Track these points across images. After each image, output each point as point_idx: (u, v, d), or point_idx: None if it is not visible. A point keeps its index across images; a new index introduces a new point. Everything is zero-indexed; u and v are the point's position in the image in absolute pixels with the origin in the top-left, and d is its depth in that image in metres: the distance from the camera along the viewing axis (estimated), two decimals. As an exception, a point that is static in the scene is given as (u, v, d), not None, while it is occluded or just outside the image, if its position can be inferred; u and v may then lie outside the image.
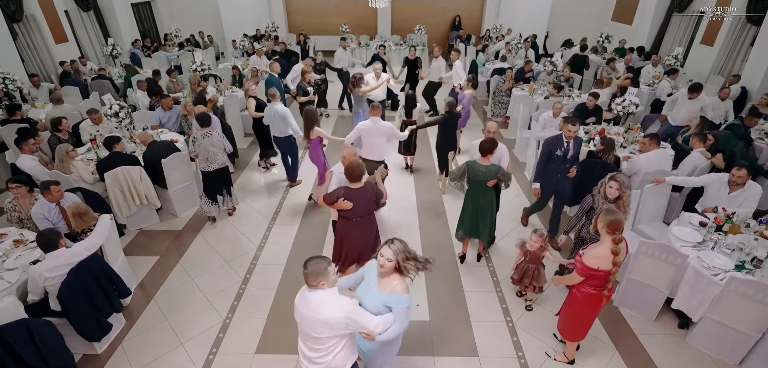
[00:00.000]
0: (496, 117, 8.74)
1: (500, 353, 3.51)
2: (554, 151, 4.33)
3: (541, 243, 3.53)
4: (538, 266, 3.67)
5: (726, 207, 3.87)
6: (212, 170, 4.91)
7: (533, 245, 3.55)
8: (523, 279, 3.74)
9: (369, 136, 5.03)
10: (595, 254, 2.75)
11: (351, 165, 3.33)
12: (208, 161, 4.85)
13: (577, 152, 4.39)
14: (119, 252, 4.00)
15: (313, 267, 2.20)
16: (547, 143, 4.39)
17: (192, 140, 4.89)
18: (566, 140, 4.30)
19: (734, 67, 8.55)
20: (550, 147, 4.35)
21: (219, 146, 4.89)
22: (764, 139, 5.71)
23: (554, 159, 4.35)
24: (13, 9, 7.98)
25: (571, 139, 4.30)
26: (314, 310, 2.20)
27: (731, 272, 3.20)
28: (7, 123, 5.86)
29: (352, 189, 3.36)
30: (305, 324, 2.25)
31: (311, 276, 2.20)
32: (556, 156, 4.32)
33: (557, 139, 4.37)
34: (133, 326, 3.75)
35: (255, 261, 4.58)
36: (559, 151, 4.31)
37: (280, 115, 5.52)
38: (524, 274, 3.71)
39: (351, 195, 3.34)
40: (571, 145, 4.32)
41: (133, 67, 9.15)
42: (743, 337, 3.23)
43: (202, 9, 13.79)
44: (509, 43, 10.92)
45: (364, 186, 3.40)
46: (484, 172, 3.90)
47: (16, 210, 3.92)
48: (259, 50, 9.83)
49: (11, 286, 3.13)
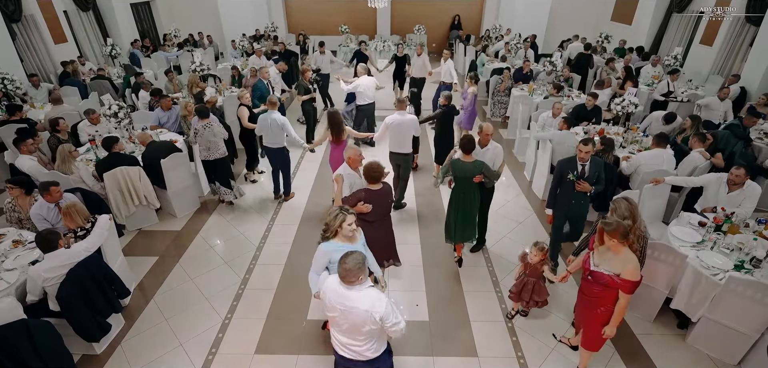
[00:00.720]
0: (496, 117, 8.75)
1: (499, 353, 3.51)
2: (566, 174, 3.86)
3: (542, 257, 3.42)
4: (538, 280, 3.53)
5: (725, 207, 3.88)
6: (213, 159, 5.20)
7: (534, 258, 3.44)
8: (522, 293, 3.59)
9: (397, 130, 5.09)
10: (633, 268, 2.61)
11: (371, 166, 3.32)
12: (210, 150, 5.15)
13: (595, 175, 3.82)
14: (118, 253, 4.00)
15: (353, 262, 2.21)
16: (559, 165, 3.93)
17: (193, 131, 5.12)
18: (580, 162, 3.80)
19: (733, 67, 8.56)
20: (561, 170, 3.90)
21: (219, 135, 5.19)
22: (763, 138, 5.72)
23: (567, 183, 3.88)
24: (12, 9, 7.97)
25: (587, 161, 3.79)
26: (360, 303, 2.22)
27: (730, 272, 3.19)
28: (6, 123, 5.85)
29: (372, 191, 3.36)
30: (352, 318, 2.26)
31: (352, 273, 2.20)
32: (569, 180, 3.85)
33: (570, 161, 3.88)
34: (133, 326, 3.74)
35: (254, 262, 4.58)
36: (571, 175, 3.83)
37: (278, 125, 5.20)
38: (523, 288, 3.57)
39: (371, 197, 3.34)
40: (586, 168, 3.80)
41: (132, 68, 9.14)
42: (742, 337, 3.23)
43: (202, 9, 13.78)
44: (508, 43, 10.93)
45: (383, 188, 3.40)
46: (470, 169, 3.89)
47: (16, 210, 3.91)
48: (259, 50, 9.82)
49: (10, 287, 3.12)
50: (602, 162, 3.94)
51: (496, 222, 5.16)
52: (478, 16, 15.67)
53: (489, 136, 4.15)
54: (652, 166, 4.61)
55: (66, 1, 9.90)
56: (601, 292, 2.78)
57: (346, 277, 2.21)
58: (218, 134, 5.17)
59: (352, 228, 2.73)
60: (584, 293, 2.95)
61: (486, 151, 4.14)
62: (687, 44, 10.14)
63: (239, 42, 11.04)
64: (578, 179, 3.81)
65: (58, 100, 6.45)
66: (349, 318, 2.26)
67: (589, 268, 2.83)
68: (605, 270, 2.71)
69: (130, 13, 12.21)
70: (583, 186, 3.80)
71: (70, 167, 4.62)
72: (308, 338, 3.63)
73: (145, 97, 6.99)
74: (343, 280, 2.23)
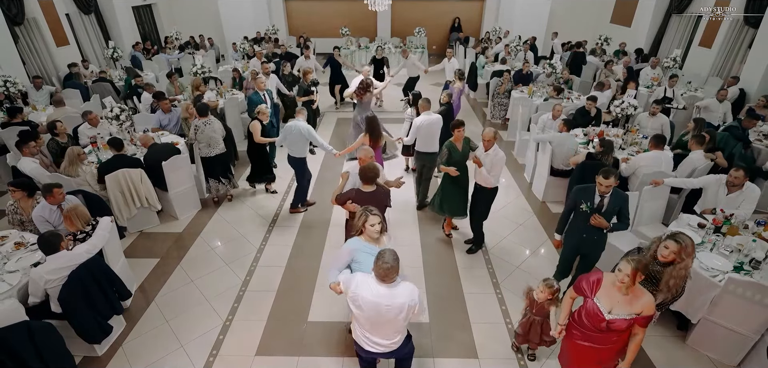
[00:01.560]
0: (496, 119, 8.77)
1: (500, 355, 3.52)
2: (580, 203, 3.40)
3: (549, 295, 3.04)
4: (544, 318, 3.14)
5: (724, 208, 3.89)
6: (214, 155, 5.34)
7: (540, 296, 3.07)
8: (529, 333, 3.22)
9: (427, 130, 5.16)
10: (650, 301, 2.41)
11: (366, 167, 3.35)
12: (210, 146, 5.29)
13: (614, 210, 3.34)
14: (120, 255, 4.01)
15: (391, 258, 2.27)
16: (575, 193, 3.50)
17: (193, 129, 5.21)
18: (600, 194, 3.33)
19: (732, 69, 8.58)
20: (575, 198, 3.47)
21: (219, 132, 5.37)
22: (762, 140, 5.73)
23: (579, 213, 3.44)
24: (14, 12, 8.01)
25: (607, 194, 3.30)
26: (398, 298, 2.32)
27: (730, 273, 3.21)
28: (8, 126, 5.87)
29: (363, 193, 3.39)
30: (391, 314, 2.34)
31: (393, 270, 2.26)
32: (582, 210, 3.39)
33: (587, 190, 3.41)
34: (134, 328, 3.75)
35: (255, 264, 4.59)
36: (584, 205, 3.35)
37: (303, 134, 4.96)
38: (531, 328, 3.20)
39: (361, 198, 3.37)
40: (605, 200, 3.33)
41: (133, 70, 9.17)
42: (742, 339, 3.24)
43: (203, 12, 13.83)
44: (508, 45, 10.96)
45: (375, 191, 3.41)
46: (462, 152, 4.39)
47: (18, 212, 3.93)
48: (259, 53, 9.85)
49: (12, 288, 3.14)
50: (627, 196, 3.46)
51: (496, 224, 5.18)
52: (478, 19, 15.71)
53: (489, 142, 4.13)
54: (651, 168, 4.63)
55: (68, 3, 9.94)
56: (620, 336, 2.52)
57: (386, 276, 2.26)
58: (218, 131, 5.32)
59: (375, 230, 2.77)
60: (593, 343, 2.59)
61: (487, 154, 4.16)
62: (686, 46, 10.17)
63: (240, 44, 11.07)
64: (593, 212, 3.34)
65: (60, 103, 6.47)
66: (388, 314, 2.33)
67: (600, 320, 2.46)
68: (625, 316, 2.42)
69: (132, 15, 12.26)
70: (598, 222, 3.33)
71: (77, 169, 4.64)
72: (309, 340, 3.64)
73: (147, 99, 7.01)
74: (383, 279, 2.28)
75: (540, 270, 4.47)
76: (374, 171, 3.36)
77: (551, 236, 5.04)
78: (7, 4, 7.84)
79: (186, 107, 6.12)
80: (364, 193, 3.39)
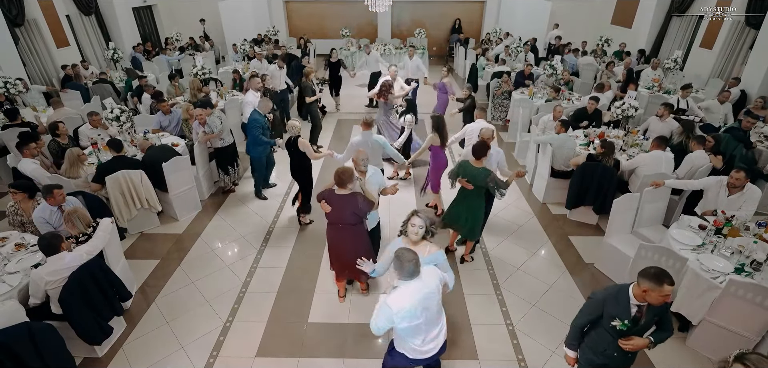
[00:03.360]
0: (496, 120, 8.76)
1: (500, 356, 3.51)
2: (612, 318, 2.35)
3: None
4: None
5: (725, 210, 3.88)
6: (227, 145, 5.70)
7: None
8: None
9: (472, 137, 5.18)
10: None
11: (340, 170, 3.36)
12: (224, 139, 5.64)
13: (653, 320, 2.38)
14: (120, 256, 4.01)
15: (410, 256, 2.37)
16: (598, 303, 2.43)
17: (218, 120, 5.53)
18: (638, 303, 2.32)
19: (733, 70, 8.57)
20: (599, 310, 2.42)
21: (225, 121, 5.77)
22: (764, 142, 5.72)
23: (609, 328, 2.39)
24: (15, 13, 8.03)
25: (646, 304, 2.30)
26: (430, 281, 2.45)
27: (731, 275, 3.20)
28: (8, 127, 5.88)
29: (335, 195, 3.41)
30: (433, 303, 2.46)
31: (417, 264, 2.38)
32: (612, 326, 2.35)
33: (618, 298, 2.36)
34: (134, 329, 3.75)
35: (255, 265, 4.59)
36: (618, 322, 2.32)
37: (379, 146, 4.76)
38: None
39: (332, 199, 3.41)
40: (644, 311, 2.33)
41: (134, 71, 9.18)
42: (743, 340, 3.23)
43: (203, 13, 13.84)
44: (508, 47, 10.96)
45: (348, 196, 3.39)
46: (475, 175, 3.93)
47: (19, 214, 3.93)
48: (260, 54, 9.86)
49: (13, 290, 3.14)
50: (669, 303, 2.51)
51: (496, 226, 5.17)
52: (479, 20, 15.71)
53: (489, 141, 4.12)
54: (651, 168, 4.62)
55: (68, 4, 9.96)
56: None
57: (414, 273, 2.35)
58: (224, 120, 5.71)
59: (414, 230, 2.83)
60: None
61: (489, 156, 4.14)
62: (687, 47, 10.17)
63: (240, 46, 11.07)
64: (628, 331, 2.34)
65: (58, 104, 6.47)
66: (431, 305, 2.43)
67: None
68: None
69: (132, 16, 12.28)
70: (634, 345, 2.35)
71: (78, 171, 4.64)
72: (309, 341, 3.64)
73: (148, 100, 7.02)
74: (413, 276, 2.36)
75: (540, 271, 4.47)
76: (345, 175, 3.34)
77: (551, 237, 5.05)
78: (8, 5, 7.86)
79: (186, 108, 6.12)
80: (335, 195, 3.39)
